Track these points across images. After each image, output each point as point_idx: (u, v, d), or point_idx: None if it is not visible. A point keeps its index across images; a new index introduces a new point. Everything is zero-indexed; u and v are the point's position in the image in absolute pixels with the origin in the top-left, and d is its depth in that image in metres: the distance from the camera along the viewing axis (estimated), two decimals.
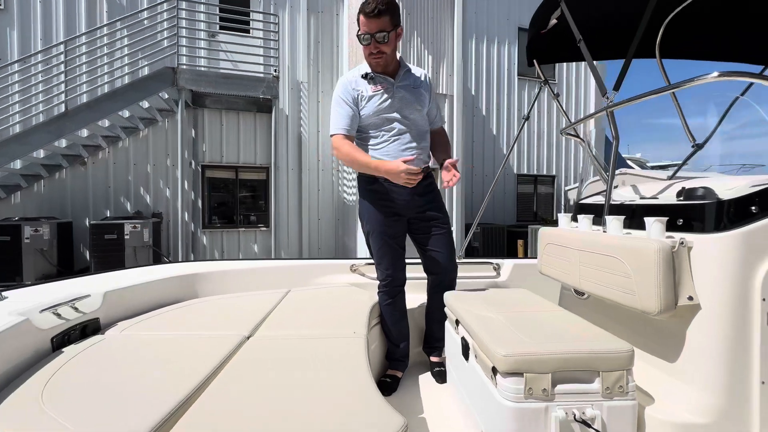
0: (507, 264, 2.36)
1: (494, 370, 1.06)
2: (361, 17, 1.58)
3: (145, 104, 6.25)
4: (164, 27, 6.29)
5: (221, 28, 6.99)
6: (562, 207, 8.98)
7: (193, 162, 6.88)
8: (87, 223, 6.34)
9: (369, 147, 1.73)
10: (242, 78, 6.25)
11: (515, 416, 1.00)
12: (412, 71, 1.77)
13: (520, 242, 6.93)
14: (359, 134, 1.75)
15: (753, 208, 1.04)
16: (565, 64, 9.08)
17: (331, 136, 1.72)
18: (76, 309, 1.33)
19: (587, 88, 9.50)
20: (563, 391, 1.01)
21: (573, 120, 2.17)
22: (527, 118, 2.35)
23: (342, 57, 7.80)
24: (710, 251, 1.06)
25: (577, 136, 1.94)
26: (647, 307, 1.08)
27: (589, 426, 0.99)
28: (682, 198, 1.24)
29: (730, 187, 1.14)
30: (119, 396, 0.92)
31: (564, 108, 2.28)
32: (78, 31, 6.33)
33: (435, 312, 1.85)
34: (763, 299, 1.00)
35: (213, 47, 6.91)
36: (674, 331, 1.15)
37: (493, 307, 1.42)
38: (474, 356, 1.26)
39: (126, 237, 5.63)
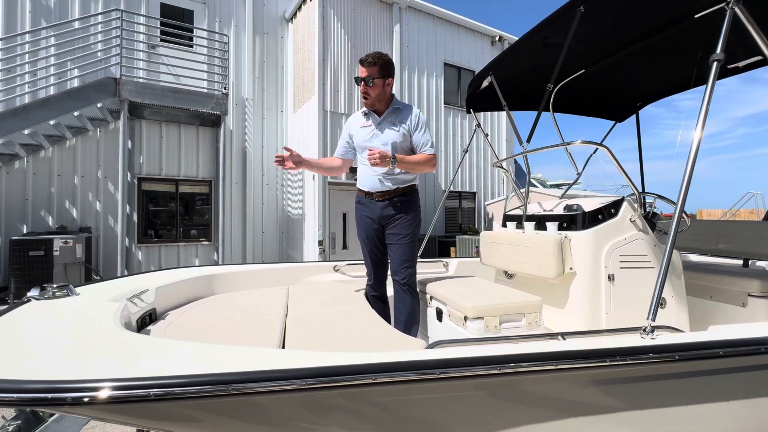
0: (453, 262, 3.08)
1: (465, 318, 1.69)
2: (359, 65, 2.11)
3: (75, 112, 5.93)
4: (103, 37, 6.08)
5: (161, 40, 6.93)
6: (482, 219, 10.32)
7: (129, 174, 6.61)
8: None
9: (359, 167, 2.29)
10: (190, 93, 6.29)
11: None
12: (402, 111, 2.18)
13: (452, 249, 7.93)
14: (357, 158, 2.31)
15: (599, 216, 1.84)
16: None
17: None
18: (141, 300, 1.66)
19: (500, 130, 11.12)
20: (505, 327, 1.68)
21: (497, 152, 2.99)
22: (467, 151, 3.13)
23: (287, 77, 8.19)
24: (580, 241, 1.83)
25: (503, 167, 2.74)
26: (548, 275, 1.81)
27: None
28: (566, 210, 2.03)
29: (589, 204, 1.96)
30: (238, 339, 1.34)
31: (491, 144, 3.09)
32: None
33: (395, 301, 2.23)
34: (605, 266, 1.79)
35: (153, 59, 6.81)
36: (562, 289, 1.90)
37: (458, 286, 2.06)
38: (447, 316, 1.88)
39: (55, 253, 5.26)
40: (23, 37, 5.71)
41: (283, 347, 1.30)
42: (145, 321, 1.62)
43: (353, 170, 7.90)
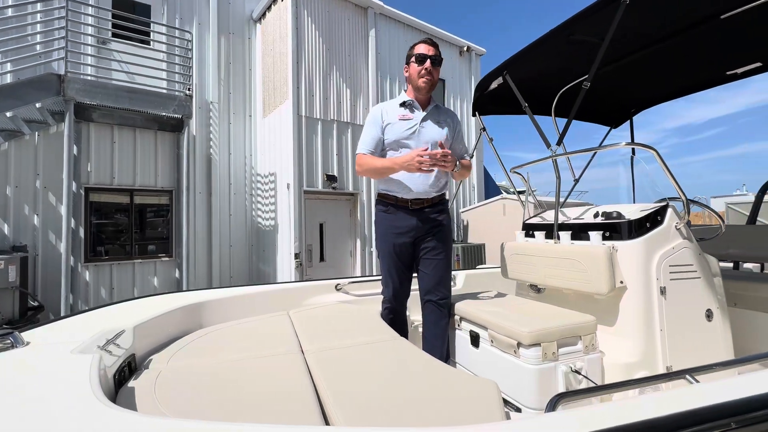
0: (459, 275, 2.85)
1: (518, 345, 1.46)
2: (422, 45, 1.86)
3: (8, 113, 5.13)
4: (44, 28, 5.35)
5: (114, 35, 6.25)
6: (459, 227, 10.29)
7: (74, 184, 5.82)
8: None
9: None
10: (148, 93, 5.68)
11: (538, 376, 1.41)
12: (442, 110, 1.98)
13: None
14: (382, 154, 1.93)
15: (647, 224, 1.70)
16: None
17: (356, 154, 1.95)
18: (118, 346, 1.27)
19: (469, 134, 11.24)
20: (563, 353, 1.47)
21: (500, 160, 2.83)
22: (472, 156, 2.94)
23: (255, 80, 7.72)
24: (628, 251, 1.68)
25: (519, 174, 2.58)
26: (600, 291, 1.63)
27: (579, 373, 1.46)
28: (602, 218, 1.87)
29: (627, 210, 1.82)
30: (254, 401, 1.01)
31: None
32: None
33: (425, 324, 1.97)
34: (657, 278, 1.65)
35: (104, 56, 6.11)
36: (610, 305, 1.73)
37: (494, 306, 1.83)
38: (489, 341, 1.64)
39: None
40: None
41: (324, 416, 0.98)
42: (124, 372, 1.24)
43: (330, 178, 7.47)
